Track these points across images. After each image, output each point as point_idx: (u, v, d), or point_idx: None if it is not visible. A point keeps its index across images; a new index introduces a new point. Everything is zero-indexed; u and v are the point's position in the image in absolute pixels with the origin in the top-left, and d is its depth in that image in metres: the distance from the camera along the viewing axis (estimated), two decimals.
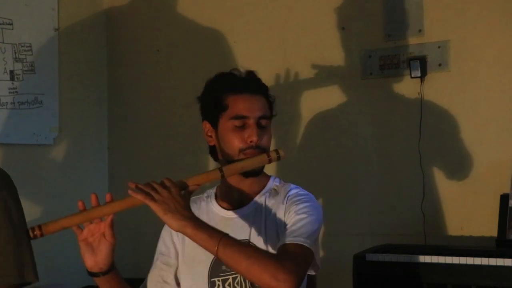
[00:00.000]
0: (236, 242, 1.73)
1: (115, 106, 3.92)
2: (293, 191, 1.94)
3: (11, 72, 3.47)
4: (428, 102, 2.99)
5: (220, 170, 1.83)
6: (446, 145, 2.98)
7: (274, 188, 1.98)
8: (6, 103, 3.44)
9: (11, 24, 3.47)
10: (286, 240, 1.78)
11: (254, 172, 1.92)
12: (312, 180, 3.20)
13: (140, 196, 1.71)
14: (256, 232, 1.90)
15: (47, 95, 3.60)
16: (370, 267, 2.60)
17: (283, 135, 3.30)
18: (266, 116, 1.92)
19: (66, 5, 3.70)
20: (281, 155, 1.85)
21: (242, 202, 1.96)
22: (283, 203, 1.92)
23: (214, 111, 1.93)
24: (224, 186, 1.99)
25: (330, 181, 3.24)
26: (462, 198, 2.92)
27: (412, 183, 3.00)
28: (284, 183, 2.00)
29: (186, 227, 1.70)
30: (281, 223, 1.89)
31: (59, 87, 3.66)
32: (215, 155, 1.99)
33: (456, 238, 2.90)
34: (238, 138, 1.89)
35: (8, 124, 3.45)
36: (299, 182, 2.05)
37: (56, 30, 3.66)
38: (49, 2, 3.63)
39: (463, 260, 2.45)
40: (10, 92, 3.45)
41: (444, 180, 2.96)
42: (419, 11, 3.02)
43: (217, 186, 2.03)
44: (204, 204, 2.01)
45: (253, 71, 1.99)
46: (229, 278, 1.88)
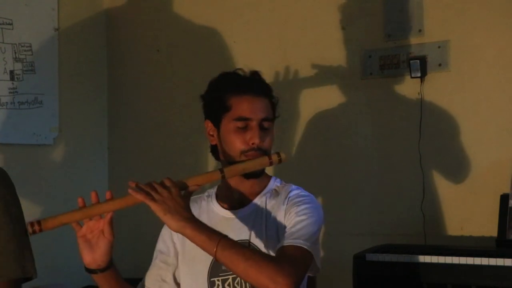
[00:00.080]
0: (234, 244, 1.72)
1: (115, 106, 3.92)
2: (294, 192, 1.94)
3: (11, 72, 3.47)
4: (428, 102, 2.99)
5: (221, 171, 1.82)
6: (446, 145, 2.98)
7: (275, 189, 1.98)
8: (6, 103, 3.44)
9: (11, 24, 3.47)
10: (285, 242, 1.78)
11: (255, 174, 1.92)
12: (312, 180, 3.20)
13: (140, 196, 1.71)
14: (256, 233, 1.90)
15: (47, 95, 3.60)
16: (370, 267, 2.60)
17: (282, 135, 3.29)
18: (268, 118, 1.92)
19: (66, 5, 3.70)
20: (282, 158, 1.85)
21: (243, 203, 1.96)
22: (284, 204, 1.91)
23: (217, 111, 1.92)
24: (224, 186, 1.98)
25: (330, 181, 3.24)
26: (462, 198, 2.92)
27: (412, 183, 3.00)
28: (285, 184, 1.99)
29: (185, 228, 1.70)
30: (281, 224, 1.88)
31: (59, 87, 3.65)
32: (216, 154, 1.99)
33: (456, 238, 2.90)
34: (240, 139, 1.89)
35: (8, 124, 3.45)
36: (299, 182, 2.05)
37: (56, 30, 3.66)
38: (49, 2, 3.63)
39: (463, 260, 2.45)
40: (10, 92, 3.45)
41: (444, 180, 2.96)
42: (419, 11, 3.02)
43: (217, 186, 2.03)
44: (205, 204, 2.01)
45: (257, 72, 1.98)
46: (229, 278, 1.87)
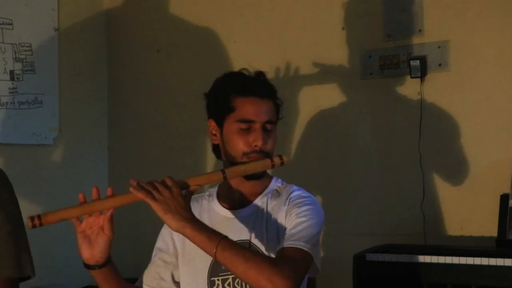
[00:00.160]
0: (234, 245, 1.72)
1: (115, 106, 3.92)
2: (295, 193, 1.93)
3: (11, 72, 3.47)
4: (428, 102, 2.99)
5: (223, 172, 1.82)
6: (446, 145, 2.98)
7: (276, 190, 1.97)
8: (6, 103, 3.44)
9: (11, 24, 3.47)
10: (285, 244, 1.78)
11: (256, 176, 1.91)
12: (312, 180, 3.20)
13: (141, 194, 1.71)
14: (257, 233, 1.90)
15: (47, 95, 3.60)
16: (370, 267, 2.60)
17: (282, 135, 3.28)
18: (272, 121, 1.92)
19: (66, 5, 3.70)
20: (284, 161, 1.85)
21: (244, 203, 1.96)
22: (285, 204, 1.91)
23: (221, 111, 1.92)
24: (225, 186, 1.98)
25: (330, 181, 3.24)
26: (462, 198, 2.92)
27: (412, 183, 3.00)
28: (287, 185, 1.99)
29: (185, 228, 1.69)
30: (282, 225, 1.88)
31: (59, 87, 3.65)
32: (218, 154, 1.99)
33: (456, 238, 2.90)
34: (243, 141, 1.88)
35: (8, 124, 3.45)
36: (299, 182, 2.05)
37: (56, 30, 3.66)
38: (49, 2, 3.63)
39: (463, 260, 2.45)
40: (10, 92, 3.45)
41: (444, 180, 2.96)
42: (419, 11, 3.02)
43: (218, 185, 2.02)
44: (206, 203, 2.00)
45: (262, 72, 1.98)
46: (228, 278, 1.87)
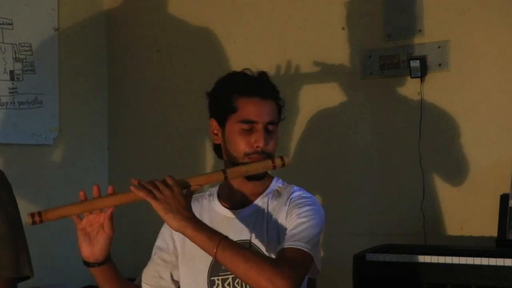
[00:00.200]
0: (235, 245, 1.72)
1: (115, 106, 3.92)
2: (296, 194, 1.93)
3: (11, 72, 3.47)
4: (428, 102, 2.99)
5: (224, 172, 1.82)
6: (446, 145, 2.98)
7: (277, 190, 1.97)
8: (6, 103, 3.44)
9: (11, 24, 3.47)
10: (285, 244, 1.78)
11: (257, 177, 1.91)
12: (312, 180, 3.20)
13: (142, 193, 1.71)
14: (257, 233, 1.90)
15: (47, 95, 3.60)
16: (370, 267, 2.60)
17: (282, 135, 3.28)
18: (274, 122, 1.92)
19: (66, 5, 3.70)
20: (286, 162, 1.85)
21: (245, 203, 1.96)
22: (286, 205, 1.91)
23: (223, 111, 1.92)
24: (226, 186, 1.98)
25: (330, 181, 3.24)
26: (462, 198, 2.92)
27: (412, 183, 3.00)
28: (287, 185, 1.99)
29: (186, 227, 1.69)
30: (282, 225, 1.88)
31: (59, 87, 3.65)
32: (219, 153, 1.99)
33: (456, 238, 2.90)
34: (245, 142, 1.88)
35: (8, 124, 3.45)
36: (299, 182, 2.05)
37: (56, 30, 3.66)
38: (49, 2, 3.63)
39: (463, 260, 2.44)
40: (10, 92, 3.45)
41: (444, 180, 2.96)
42: (419, 11, 3.02)
43: (219, 185, 2.02)
44: (206, 202, 2.00)
45: (265, 72, 1.98)
46: (228, 278, 1.87)
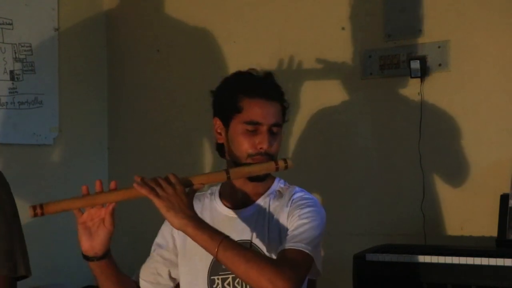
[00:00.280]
0: (236, 245, 1.72)
1: (115, 106, 3.92)
2: (297, 195, 1.93)
3: (11, 72, 3.47)
4: (428, 102, 2.99)
5: (227, 172, 1.82)
6: (446, 145, 2.98)
7: (278, 190, 1.97)
8: (6, 103, 3.44)
9: (11, 24, 3.47)
10: (287, 245, 1.78)
11: (260, 178, 1.91)
12: (312, 180, 3.19)
13: (144, 191, 1.70)
14: (258, 234, 1.90)
15: (47, 95, 3.60)
16: (370, 267, 2.60)
17: (282, 135, 3.29)
18: (278, 124, 1.92)
19: (66, 5, 3.70)
20: (289, 164, 1.85)
21: (246, 203, 1.96)
22: (287, 206, 1.91)
23: (228, 110, 1.91)
24: (228, 185, 1.97)
25: (330, 181, 3.24)
26: (462, 198, 2.91)
27: (412, 183, 3.00)
28: (289, 186, 1.99)
29: (187, 226, 1.69)
30: (283, 226, 1.88)
31: (59, 87, 3.66)
32: (222, 152, 1.98)
33: (456, 238, 2.90)
34: (249, 142, 1.88)
35: (8, 124, 3.45)
36: (299, 182, 2.05)
37: (56, 30, 3.66)
38: (49, 2, 3.63)
39: (463, 260, 2.44)
40: (10, 92, 3.45)
41: (444, 180, 2.96)
42: (419, 11, 3.02)
43: (221, 184, 2.02)
44: (208, 202, 2.00)
45: (271, 73, 1.97)
46: (228, 278, 1.87)
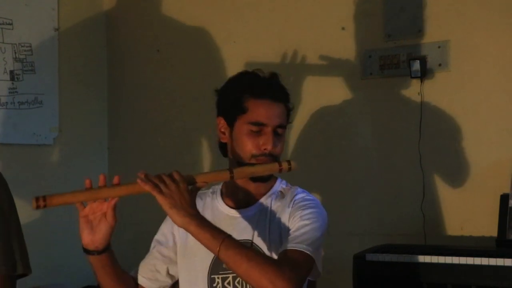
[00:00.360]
0: (238, 244, 1.72)
1: (115, 106, 3.92)
2: (299, 196, 1.93)
3: (11, 72, 3.47)
4: (428, 102, 2.99)
5: (231, 171, 1.82)
6: (446, 145, 2.98)
7: (280, 191, 1.97)
8: (6, 103, 3.44)
9: (11, 24, 3.47)
10: (288, 246, 1.78)
11: (263, 178, 1.91)
12: (312, 180, 3.19)
13: (148, 187, 1.71)
14: (259, 234, 1.90)
15: (47, 95, 3.60)
16: (370, 267, 2.60)
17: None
18: (283, 125, 1.92)
19: (66, 5, 3.70)
20: (292, 166, 1.85)
21: (248, 202, 1.96)
22: (289, 206, 1.91)
23: (233, 110, 1.91)
24: (230, 185, 1.98)
25: (330, 181, 3.24)
26: (462, 198, 2.92)
27: (412, 183, 3.00)
28: (291, 186, 1.99)
29: (189, 224, 1.69)
30: (285, 227, 1.88)
31: (59, 87, 3.66)
32: (224, 151, 1.98)
33: (456, 238, 2.90)
34: (253, 143, 1.88)
35: (8, 124, 3.45)
36: (299, 181, 2.05)
37: (56, 30, 3.66)
38: (49, 2, 3.63)
39: (463, 260, 2.44)
40: (10, 92, 3.45)
41: (444, 180, 2.96)
42: (419, 11, 3.02)
43: (223, 183, 2.02)
44: (209, 200, 2.00)
45: (276, 74, 1.96)
46: (229, 277, 1.87)
